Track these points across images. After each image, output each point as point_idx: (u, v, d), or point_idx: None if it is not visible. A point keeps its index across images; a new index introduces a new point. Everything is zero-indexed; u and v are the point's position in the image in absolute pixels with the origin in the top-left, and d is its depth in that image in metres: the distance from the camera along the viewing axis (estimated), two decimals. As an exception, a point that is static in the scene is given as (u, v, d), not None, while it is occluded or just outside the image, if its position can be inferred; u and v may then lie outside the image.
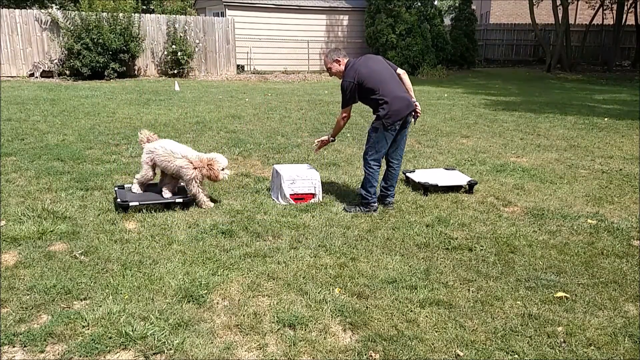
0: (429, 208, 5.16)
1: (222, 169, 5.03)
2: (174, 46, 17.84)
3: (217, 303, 3.31)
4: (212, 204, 5.07)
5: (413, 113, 4.99)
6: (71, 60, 16.39)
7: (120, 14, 16.60)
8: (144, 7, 17.94)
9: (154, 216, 4.73)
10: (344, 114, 5.01)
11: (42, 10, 17.09)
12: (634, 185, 6.11)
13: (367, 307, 3.28)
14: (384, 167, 5.21)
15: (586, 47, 27.27)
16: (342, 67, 4.99)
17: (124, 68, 17.07)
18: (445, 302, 3.35)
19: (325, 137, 5.35)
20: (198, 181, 4.96)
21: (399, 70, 5.09)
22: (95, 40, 16.04)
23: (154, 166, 5.09)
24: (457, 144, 8.22)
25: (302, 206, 5.09)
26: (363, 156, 5.10)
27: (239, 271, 3.73)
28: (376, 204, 5.08)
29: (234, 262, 3.85)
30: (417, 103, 5.01)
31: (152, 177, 5.17)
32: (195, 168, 4.94)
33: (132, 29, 16.81)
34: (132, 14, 16.99)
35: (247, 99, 12.85)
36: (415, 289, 3.51)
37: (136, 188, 5.15)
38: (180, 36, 18.10)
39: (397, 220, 4.82)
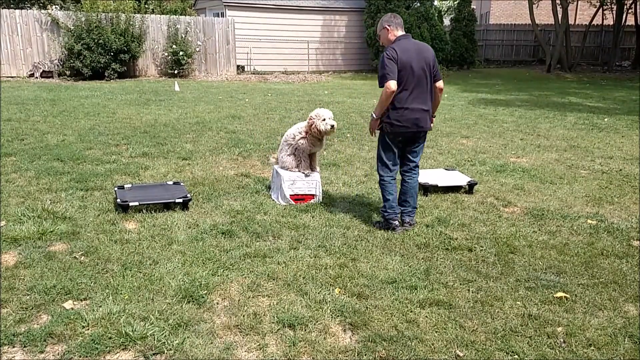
0: (429, 208, 5.16)
1: (324, 120, 5.05)
2: (174, 46, 17.84)
3: (217, 303, 3.31)
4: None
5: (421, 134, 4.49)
6: (71, 61, 16.39)
7: (123, 15, 16.61)
8: (145, 6, 17.88)
9: (154, 216, 4.73)
10: (387, 88, 4.26)
11: (43, 11, 17.10)
12: (634, 186, 6.11)
13: (367, 308, 3.28)
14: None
15: (586, 48, 27.25)
16: (392, 37, 4.43)
17: (125, 68, 17.06)
18: (445, 303, 3.35)
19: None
20: (306, 145, 5.20)
21: (439, 84, 4.50)
22: (97, 40, 16.04)
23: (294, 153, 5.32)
24: (457, 145, 8.22)
25: (302, 206, 5.09)
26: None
27: (239, 271, 3.73)
28: (395, 222, 4.54)
29: (234, 263, 3.85)
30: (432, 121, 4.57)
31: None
32: (303, 137, 5.18)
33: (133, 29, 16.82)
34: (135, 15, 16.99)
35: (247, 100, 12.85)
36: (415, 289, 3.51)
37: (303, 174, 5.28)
38: (181, 36, 18.11)
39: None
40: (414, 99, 4.35)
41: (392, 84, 4.24)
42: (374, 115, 4.50)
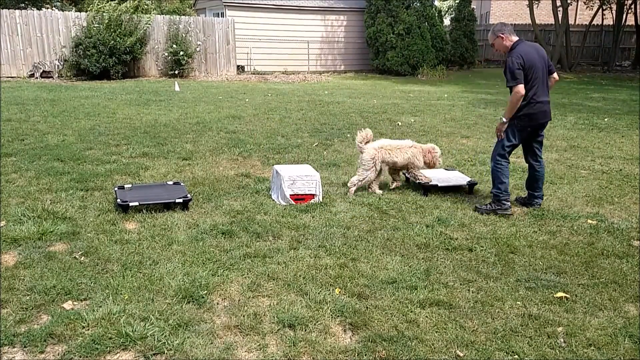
0: (429, 208, 5.16)
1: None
2: (174, 46, 17.85)
3: (217, 303, 3.31)
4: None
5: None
6: (75, 59, 16.40)
7: (127, 16, 16.63)
8: (145, 7, 17.91)
9: (154, 216, 4.73)
10: (517, 92, 4.79)
11: (43, 11, 17.10)
12: (634, 186, 6.11)
13: (367, 308, 3.28)
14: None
15: (586, 48, 27.25)
16: (508, 44, 4.99)
17: (126, 68, 17.10)
18: (446, 303, 3.35)
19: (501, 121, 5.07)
20: (419, 163, 5.60)
21: (555, 75, 5.11)
22: (102, 41, 16.06)
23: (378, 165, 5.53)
24: (457, 145, 8.22)
25: (302, 207, 5.09)
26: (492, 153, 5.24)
27: (239, 272, 3.73)
28: (508, 202, 5.05)
29: (234, 263, 3.85)
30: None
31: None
32: (423, 155, 5.60)
33: (138, 32, 16.85)
34: (142, 16, 17.01)
35: (247, 100, 12.85)
36: (416, 289, 3.51)
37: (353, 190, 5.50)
38: (181, 37, 18.12)
39: (397, 221, 4.82)
40: (540, 93, 4.92)
41: (521, 88, 4.79)
42: (503, 119, 4.98)
